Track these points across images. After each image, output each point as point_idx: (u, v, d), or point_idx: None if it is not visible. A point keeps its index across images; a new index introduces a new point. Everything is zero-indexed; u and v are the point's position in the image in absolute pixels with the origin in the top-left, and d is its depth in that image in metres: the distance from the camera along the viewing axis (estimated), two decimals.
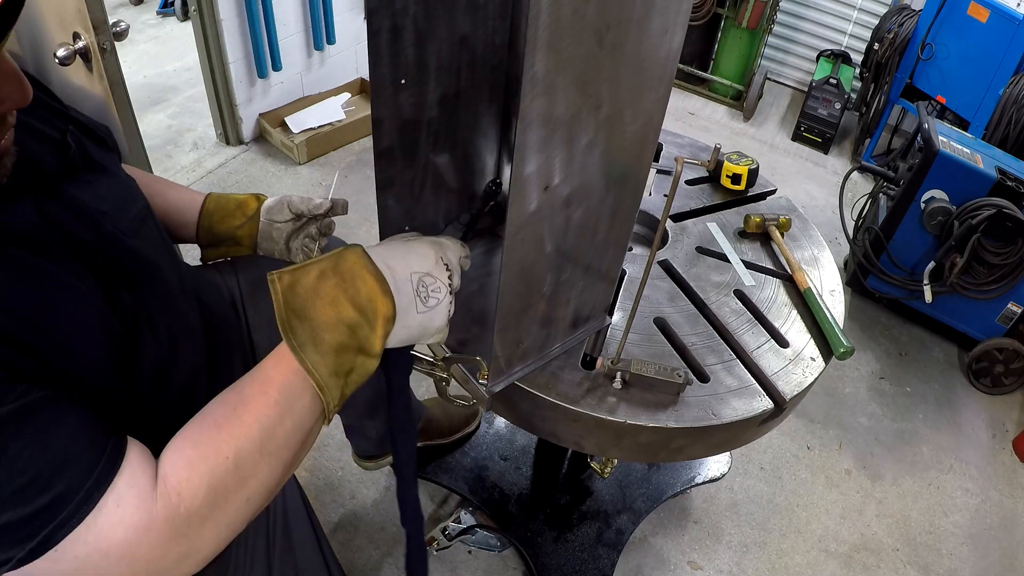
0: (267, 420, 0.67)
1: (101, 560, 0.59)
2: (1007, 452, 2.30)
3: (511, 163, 0.70)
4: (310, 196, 1.14)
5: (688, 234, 1.38)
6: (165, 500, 0.62)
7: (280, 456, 0.69)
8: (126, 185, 0.87)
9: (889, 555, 1.94)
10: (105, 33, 1.50)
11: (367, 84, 3.20)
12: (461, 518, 1.74)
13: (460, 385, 1.01)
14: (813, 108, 3.59)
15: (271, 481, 0.69)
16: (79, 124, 0.84)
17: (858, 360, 2.52)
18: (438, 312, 0.78)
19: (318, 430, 0.74)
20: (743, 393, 1.07)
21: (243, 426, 0.66)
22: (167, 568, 0.63)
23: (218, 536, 0.66)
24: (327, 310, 0.70)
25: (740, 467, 2.07)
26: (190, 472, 0.63)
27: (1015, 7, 2.77)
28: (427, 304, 0.77)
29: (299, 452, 0.72)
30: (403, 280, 0.75)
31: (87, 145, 0.82)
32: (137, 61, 3.66)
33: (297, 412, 0.69)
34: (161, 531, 0.61)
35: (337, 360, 0.70)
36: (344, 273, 0.72)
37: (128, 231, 0.80)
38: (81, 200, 0.75)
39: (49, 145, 0.77)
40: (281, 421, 0.68)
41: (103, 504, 0.59)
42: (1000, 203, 2.15)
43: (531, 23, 0.59)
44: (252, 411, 0.67)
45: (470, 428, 1.85)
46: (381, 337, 0.73)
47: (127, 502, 0.60)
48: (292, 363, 0.69)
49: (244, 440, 0.66)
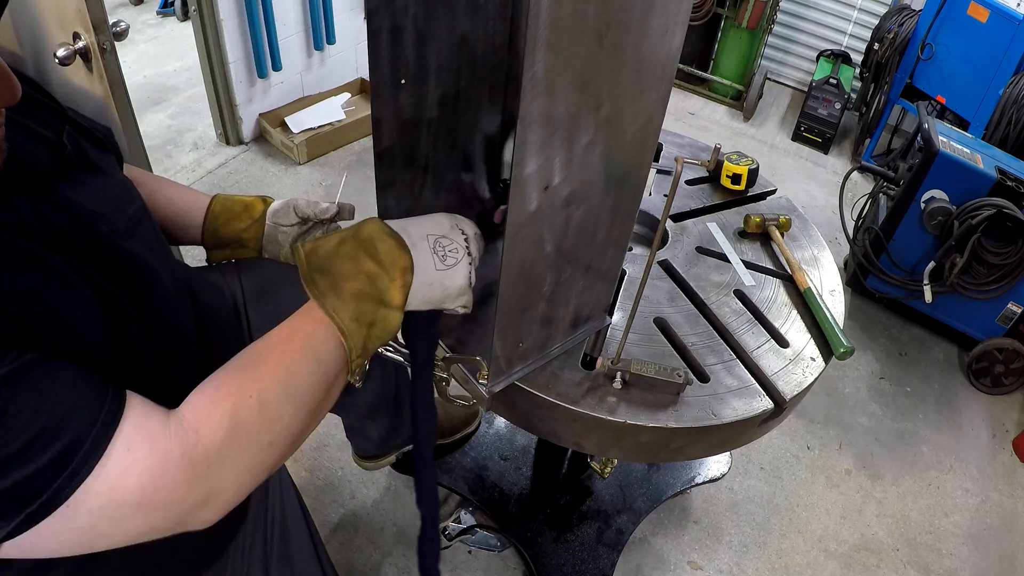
0: (292, 363, 0.69)
1: (116, 511, 0.58)
2: (1007, 452, 2.30)
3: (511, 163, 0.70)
4: (316, 200, 1.15)
5: (688, 234, 1.38)
6: (181, 437, 0.61)
7: (304, 401, 0.70)
8: (123, 186, 0.87)
9: (889, 555, 1.94)
10: (105, 33, 1.50)
11: (367, 84, 3.20)
12: (461, 518, 1.74)
13: (460, 385, 1.01)
14: (813, 108, 3.59)
15: (295, 427, 0.70)
16: (76, 125, 0.84)
17: (858, 360, 2.52)
18: (458, 271, 0.80)
19: (342, 383, 0.76)
20: (743, 393, 1.07)
21: (267, 368, 0.68)
22: (187, 514, 0.62)
23: (239, 480, 0.65)
24: (347, 264, 0.73)
25: (740, 467, 2.07)
26: (211, 409, 0.63)
27: (1015, 7, 2.77)
28: (445, 263, 0.79)
29: (323, 401, 0.73)
30: (419, 239, 0.79)
31: (84, 146, 0.82)
32: (137, 61, 3.66)
33: (322, 358, 0.71)
34: (178, 470, 0.60)
35: (358, 307, 0.72)
36: (363, 237, 0.76)
37: (123, 232, 0.79)
38: (75, 200, 0.74)
39: (44, 145, 0.76)
40: (306, 365, 0.70)
41: (111, 450, 0.58)
42: (1000, 203, 2.15)
43: (531, 23, 0.59)
44: (277, 356, 0.69)
45: (470, 428, 1.85)
46: (401, 288, 0.75)
47: (138, 444, 0.59)
48: (316, 312, 0.72)
49: (268, 381, 0.67)
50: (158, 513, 0.60)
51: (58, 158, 0.77)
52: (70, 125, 0.82)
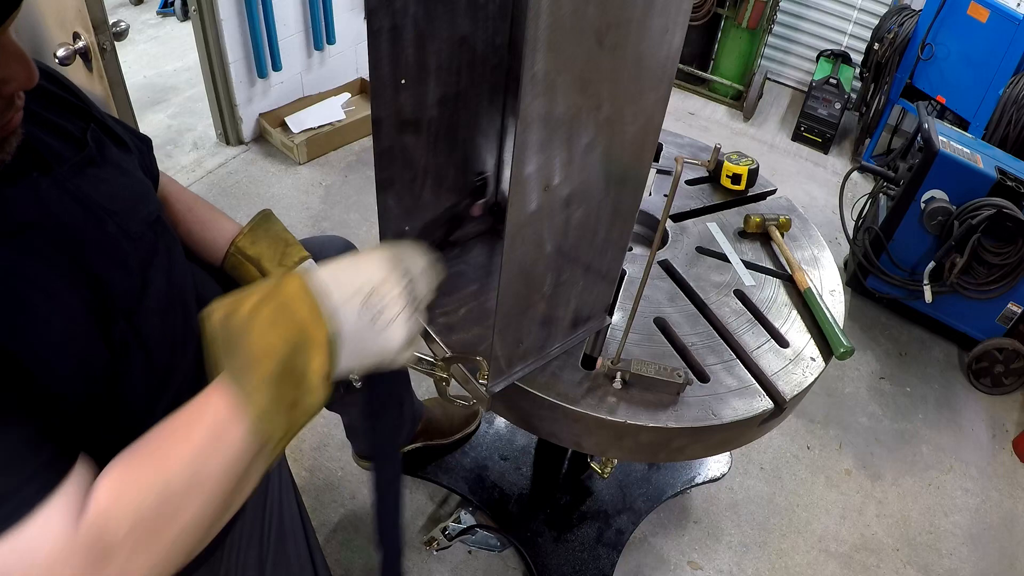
0: (199, 453, 0.63)
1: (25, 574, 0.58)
2: (1007, 452, 2.30)
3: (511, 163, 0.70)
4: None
5: (688, 234, 1.38)
6: (88, 529, 0.59)
7: (213, 492, 0.64)
8: (142, 187, 0.87)
9: (889, 555, 1.94)
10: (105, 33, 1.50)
11: (367, 84, 3.20)
12: (461, 518, 1.74)
13: (460, 385, 1.01)
14: (813, 108, 3.59)
15: (206, 518, 0.65)
16: (100, 123, 0.84)
17: (858, 360, 2.52)
18: (392, 331, 0.71)
19: (261, 466, 0.68)
20: (743, 393, 1.07)
21: (172, 460, 0.63)
22: None
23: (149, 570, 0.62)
24: (260, 340, 0.65)
25: (740, 467, 2.07)
26: (117, 501, 0.61)
27: (1015, 7, 2.77)
28: (376, 325, 0.70)
29: (237, 488, 0.66)
30: (344, 300, 0.69)
31: (107, 145, 0.82)
32: (137, 61, 3.66)
33: (233, 447, 0.64)
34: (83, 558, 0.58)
35: (276, 391, 0.65)
36: (282, 299, 0.67)
37: (135, 233, 0.79)
38: (89, 195, 0.75)
39: (66, 140, 0.77)
40: (216, 455, 0.64)
41: (31, 520, 0.57)
42: (1000, 203, 2.15)
43: (531, 23, 0.59)
44: (183, 444, 0.64)
45: (470, 428, 1.85)
46: (324, 363, 0.67)
47: (53, 524, 0.58)
48: (226, 396, 0.64)
49: (172, 475, 0.62)
50: None
51: (78, 153, 0.77)
52: (97, 124, 0.82)
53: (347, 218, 2.76)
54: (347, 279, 0.70)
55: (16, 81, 0.63)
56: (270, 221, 1.12)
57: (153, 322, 0.80)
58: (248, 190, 2.86)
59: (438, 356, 1.02)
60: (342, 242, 1.28)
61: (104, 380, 0.72)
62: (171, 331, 0.84)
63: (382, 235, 1.09)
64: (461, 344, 1.05)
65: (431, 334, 1.06)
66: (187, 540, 0.64)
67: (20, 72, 0.63)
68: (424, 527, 1.77)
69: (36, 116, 0.74)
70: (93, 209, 0.74)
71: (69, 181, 0.73)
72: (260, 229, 1.10)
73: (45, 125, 0.75)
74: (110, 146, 0.83)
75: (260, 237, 1.09)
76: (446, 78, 0.98)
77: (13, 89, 0.64)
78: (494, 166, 1.20)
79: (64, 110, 0.80)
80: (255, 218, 1.12)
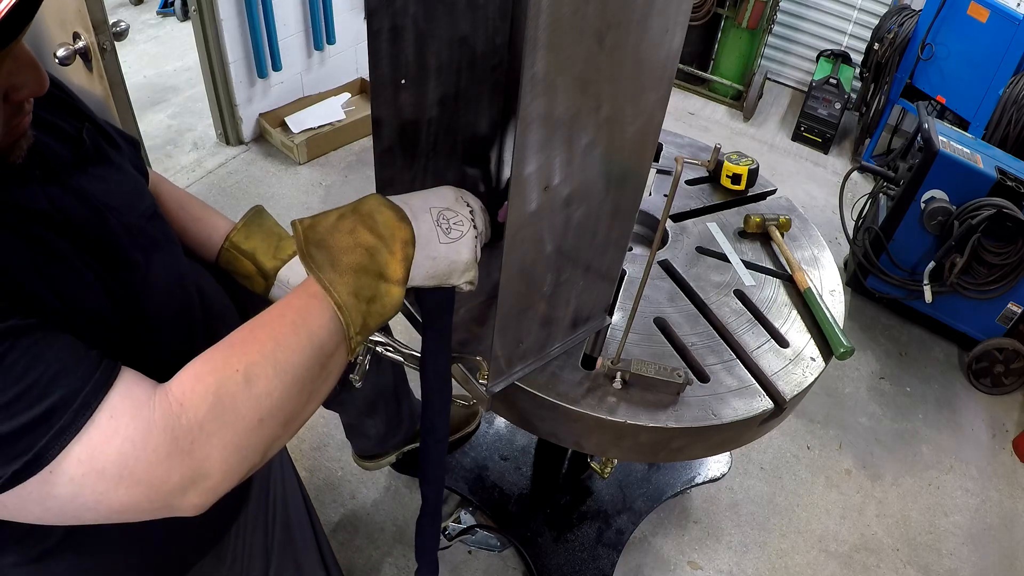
0: (283, 338, 0.66)
1: (98, 481, 0.57)
2: (1007, 452, 2.30)
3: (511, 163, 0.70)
4: None
5: (688, 234, 1.38)
6: (165, 409, 0.60)
7: (296, 377, 0.66)
8: (136, 183, 0.88)
9: (889, 555, 1.94)
10: (105, 33, 1.50)
11: (367, 84, 3.20)
12: (461, 518, 1.75)
13: (460, 385, 1.01)
14: (813, 108, 3.59)
15: (288, 405, 0.66)
16: (95, 123, 0.85)
17: (858, 360, 2.52)
18: (463, 244, 0.78)
19: (340, 362, 0.72)
20: (743, 393, 1.07)
21: (256, 342, 0.66)
22: (172, 494, 0.60)
23: (226, 459, 0.62)
24: (345, 238, 0.71)
25: (740, 467, 2.07)
26: (195, 382, 0.62)
27: (1015, 7, 2.77)
28: (449, 236, 0.77)
29: (319, 380, 0.70)
30: (421, 211, 0.76)
31: (101, 143, 0.84)
32: (137, 61, 3.66)
33: (316, 332, 0.68)
34: (160, 443, 0.58)
35: (357, 281, 0.70)
36: (362, 212, 0.74)
37: (134, 227, 0.80)
38: (90, 192, 0.76)
39: (64, 139, 0.78)
40: (298, 340, 0.67)
41: (96, 417, 0.57)
42: (1000, 203, 2.16)
43: (531, 23, 0.59)
44: (267, 330, 0.67)
45: (470, 428, 1.85)
46: (402, 261, 0.73)
47: (121, 412, 0.58)
48: (312, 287, 0.69)
49: (256, 354, 0.65)
50: (140, 489, 0.58)
51: (76, 152, 0.78)
52: (90, 123, 0.83)
53: None
54: (421, 199, 0.78)
55: (27, 88, 0.64)
56: (262, 216, 1.13)
57: (160, 313, 0.81)
58: (248, 190, 2.86)
59: None
60: None
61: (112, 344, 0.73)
62: (177, 322, 0.85)
63: None
64: (461, 344, 1.05)
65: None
66: (268, 428, 0.65)
67: (32, 79, 0.64)
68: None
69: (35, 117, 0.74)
70: (95, 206, 0.75)
71: (71, 180, 0.74)
72: (253, 224, 1.10)
73: (43, 125, 0.76)
74: (105, 145, 0.84)
75: (254, 232, 1.10)
76: (446, 78, 0.98)
77: (25, 96, 0.65)
78: (494, 166, 1.20)
79: (59, 109, 0.81)
80: (248, 214, 1.12)
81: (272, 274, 1.07)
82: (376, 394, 1.46)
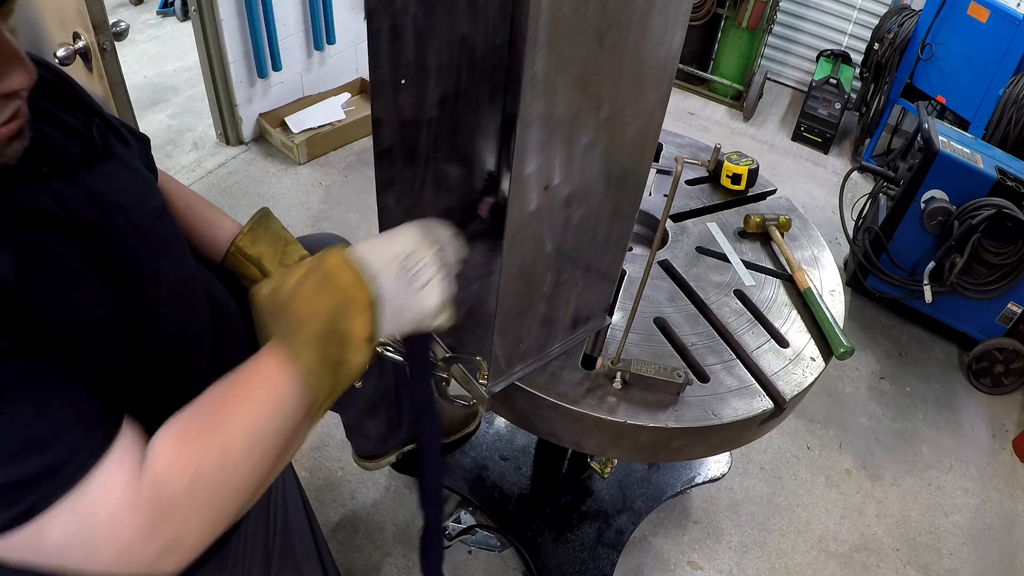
0: (257, 413, 0.67)
1: (87, 539, 0.59)
2: (1007, 452, 2.30)
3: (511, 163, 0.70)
4: None
5: (688, 234, 1.38)
6: (151, 481, 0.61)
7: (268, 449, 0.68)
8: (145, 181, 0.88)
9: (889, 555, 1.94)
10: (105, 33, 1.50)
11: (367, 84, 3.20)
12: (461, 518, 1.75)
13: (460, 385, 1.01)
14: (813, 108, 3.59)
15: (258, 475, 0.68)
16: (105, 120, 0.85)
17: (858, 360, 2.52)
18: (429, 291, 0.77)
19: (308, 426, 0.73)
20: (743, 393, 1.07)
21: (232, 418, 0.66)
22: (152, 558, 0.62)
23: (202, 529, 0.65)
24: (308, 304, 0.70)
25: (740, 467, 2.07)
26: (177, 458, 0.63)
27: (1015, 7, 2.77)
28: (413, 286, 0.76)
29: (287, 447, 0.71)
30: (382, 266, 0.75)
31: (111, 140, 0.83)
32: (137, 61, 3.66)
33: (287, 405, 0.69)
34: (145, 513, 0.60)
35: (322, 351, 0.70)
36: (326, 270, 0.72)
37: (142, 226, 0.80)
38: (99, 190, 0.75)
39: (73, 136, 0.78)
40: (270, 413, 0.68)
41: (91, 478, 0.59)
42: (1000, 203, 2.15)
43: (531, 23, 0.59)
44: (242, 405, 0.67)
45: (470, 428, 1.85)
46: (366, 324, 0.72)
47: (115, 480, 0.60)
48: (276, 356, 0.69)
49: (232, 432, 0.66)
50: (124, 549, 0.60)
51: (85, 149, 0.78)
52: (99, 119, 0.83)
53: (347, 218, 2.76)
54: (383, 249, 0.76)
55: (10, 80, 0.63)
56: (269, 220, 1.13)
57: (167, 313, 0.81)
58: (248, 190, 2.86)
59: (438, 356, 1.02)
60: (339, 240, 1.28)
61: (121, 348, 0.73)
62: (184, 322, 0.85)
63: None
64: (461, 344, 1.05)
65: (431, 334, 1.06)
66: (240, 498, 0.67)
67: (15, 71, 0.63)
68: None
69: (42, 112, 0.74)
70: (103, 204, 0.75)
71: (79, 178, 0.74)
72: (260, 228, 1.10)
73: (51, 121, 0.76)
74: (115, 142, 0.84)
75: (260, 236, 1.10)
76: (446, 78, 0.98)
77: (7, 88, 0.63)
78: (494, 166, 1.20)
79: (68, 105, 0.81)
80: (254, 217, 1.12)
81: None
82: (378, 395, 1.46)
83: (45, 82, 0.78)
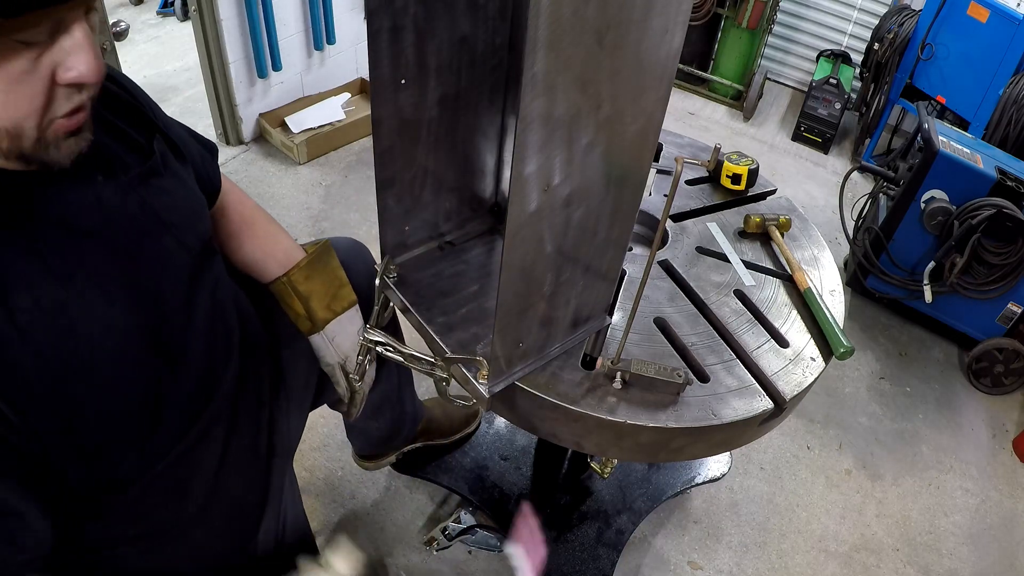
0: None
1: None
2: (1007, 452, 2.30)
3: (511, 163, 0.70)
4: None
5: (688, 234, 1.38)
6: None
7: None
8: (197, 201, 0.87)
9: (889, 555, 1.94)
10: (105, 33, 1.50)
11: (367, 84, 3.20)
12: (461, 518, 1.74)
13: (460, 385, 1.01)
14: (813, 108, 3.59)
15: None
16: (164, 133, 0.85)
17: (858, 360, 2.52)
18: None
19: None
20: (743, 393, 1.07)
21: None
22: None
23: None
24: None
25: (740, 467, 2.07)
26: None
27: (1015, 7, 2.77)
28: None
29: None
30: None
31: (169, 155, 0.83)
32: (137, 61, 3.65)
33: None
34: None
35: None
36: None
37: (191, 247, 0.80)
38: (151, 206, 0.75)
39: (132, 148, 0.77)
40: None
41: None
42: (1000, 203, 2.15)
43: (531, 23, 0.59)
44: None
45: (470, 428, 1.85)
46: None
47: None
48: None
49: None
50: None
51: (144, 162, 0.77)
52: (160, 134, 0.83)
53: (347, 218, 2.76)
54: None
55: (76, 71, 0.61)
56: (328, 256, 1.10)
57: (197, 338, 0.81)
58: (248, 190, 2.86)
59: (438, 356, 1.02)
60: (348, 242, 1.29)
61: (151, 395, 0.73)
62: (214, 345, 0.85)
63: (382, 235, 1.09)
64: (461, 344, 1.05)
65: (431, 334, 1.06)
66: None
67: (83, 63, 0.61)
68: (424, 527, 1.77)
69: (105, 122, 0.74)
70: (153, 220, 0.75)
71: (133, 190, 0.73)
72: (318, 264, 1.08)
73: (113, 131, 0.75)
74: (172, 158, 0.84)
75: (316, 273, 1.07)
76: (446, 78, 0.98)
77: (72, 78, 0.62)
78: (494, 166, 1.20)
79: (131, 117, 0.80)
80: (314, 251, 1.09)
81: (321, 324, 1.06)
82: (382, 398, 1.46)
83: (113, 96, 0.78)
